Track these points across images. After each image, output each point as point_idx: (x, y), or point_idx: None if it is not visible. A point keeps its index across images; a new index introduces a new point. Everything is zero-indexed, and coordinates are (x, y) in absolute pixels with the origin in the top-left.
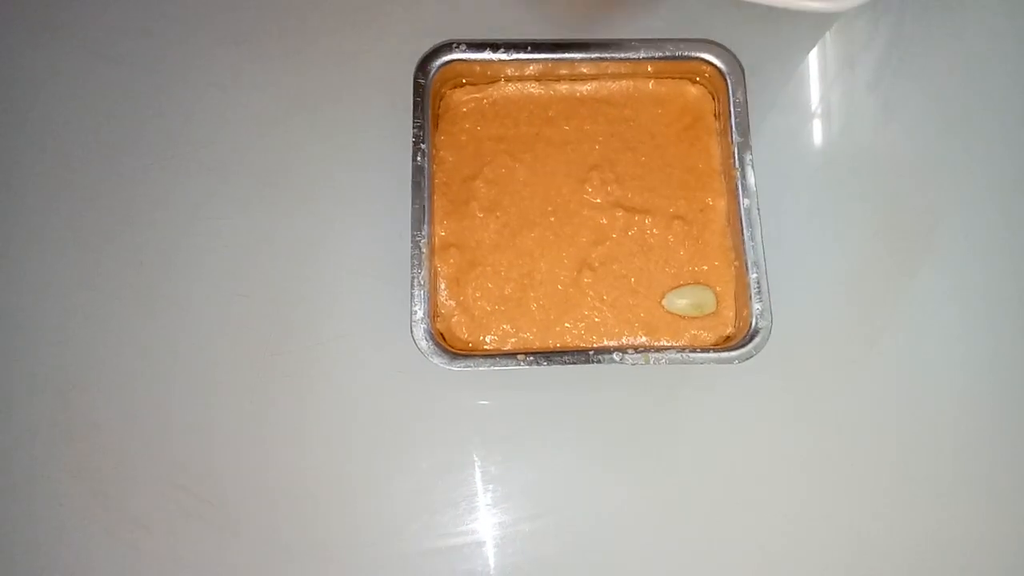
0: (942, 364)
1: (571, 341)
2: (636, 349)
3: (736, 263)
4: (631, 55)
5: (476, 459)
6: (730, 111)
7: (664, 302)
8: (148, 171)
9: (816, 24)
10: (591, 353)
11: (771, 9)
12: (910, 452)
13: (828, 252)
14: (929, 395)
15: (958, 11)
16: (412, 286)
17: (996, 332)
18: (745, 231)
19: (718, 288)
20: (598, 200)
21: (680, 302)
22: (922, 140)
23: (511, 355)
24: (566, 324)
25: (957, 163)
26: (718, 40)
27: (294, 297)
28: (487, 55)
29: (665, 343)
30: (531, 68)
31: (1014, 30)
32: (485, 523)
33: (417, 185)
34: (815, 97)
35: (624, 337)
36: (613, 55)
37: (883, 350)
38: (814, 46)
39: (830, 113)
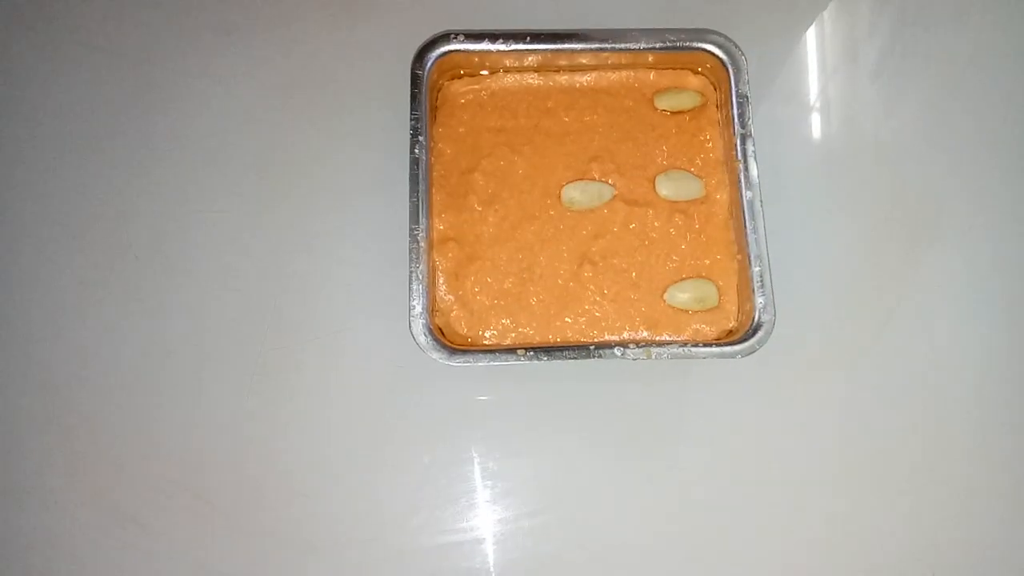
0: (949, 356)
1: (572, 336)
2: (637, 344)
3: (739, 256)
4: (631, 45)
5: (476, 455)
6: (732, 102)
7: (666, 296)
8: (142, 163)
9: (817, 8)
10: (592, 348)
11: None
12: (917, 446)
13: (832, 244)
14: (936, 388)
15: (959, 9)
16: (410, 280)
17: (1004, 323)
18: (748, 224)
19: (720, 282)
20: None
21: (682, 296)
22: (926, 129)
23: (511, 350)
24: (566, 319)
25: (962, 153)
26: (719, 29)
27: (290, 292)
28: (485, 45)
29: (667, 337)
30: (530, 59)
31: (1018, 15)
32: (485, 519)
33: (415, 178)
34: (818, 87)
35: (625, 332)
36: (613, 45)
37: (888, 343)
38: (816, 35)
39: (833, 103)
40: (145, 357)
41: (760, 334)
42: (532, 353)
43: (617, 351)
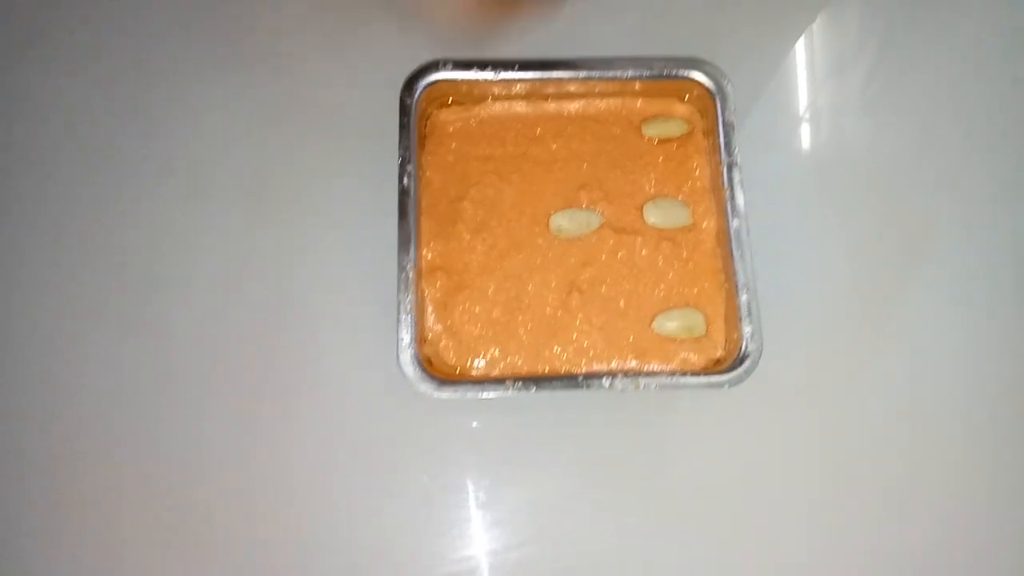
0: (940, 387)
1: (560, 366)
2: (625, 374)
3: (726, 285)
4: (619, 73)
5: (464, 485)
6: (718, 130)
7: (654, 324)
8: (129, 190)
9: (805, 35)
10: (580, 379)
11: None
12: (907, 480)
13: (821, 271)
14: (927, 420)
15: (947, 24)
16: (398, 311)
17: (999, 354)
18: (735, 252)
19: (708, 310)
20: None
21: (670, 324)
22: (915, 154)
23: (499, 381)
24: (555, 348)
25: (952, 178)
26: (706, 56)
27: (277, 322)
28: (474, 74)
29: (655, 367)
30: (518, 87)
31: (1006, 32)
32: (475, 551)
33: (403, 207)
34: (806, 113)
35: (614, 361)
36: (601, 73)
37: (878, 374)
38: (804, 62)
39: (821, 130)
40: (131, 385)
41: (747, 364)
42: (520, 384)
43: (605, 382)
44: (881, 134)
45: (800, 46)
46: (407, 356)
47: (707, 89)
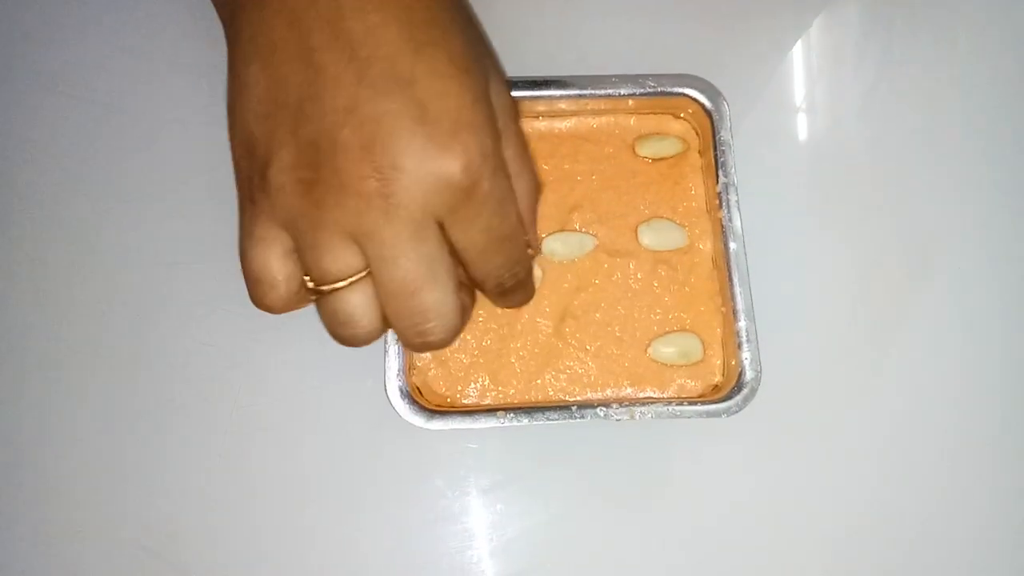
0: (946, 415)
1: (554, 394)
2: (620, 403)
3: (724, 309)
4: (611, 91)
5: (455, 517)
6: (714, 149)
7: (650, 350)
8: (109, 214)
9: (803, 51)
10: (574, 409)
11: None
12: (912, 509)
13: (821, 295)
14: (933, 448)
15: (950, 35)
16: (386, 341)
17: (1009, 377)
18: (733, 275)
19: (705, 335)
20: None
21: (666, 350)
22: (920, 174)
23: (490, 412)
24: (548, 376)
25: (959, 199)
26: (702, 73)
27: (262, 352)
28: None
29: (651, 393)
30: None
31: (1008, 44)
32: None
33: None
34: (804, 131)
35: (609, 388)
36: (592, 92)
37: (882, 401)
38: (804, 78)
39: (821, 149)
40: (110, 418)
41: (745, 391)
42: (512, 415)
43: (600, 411)
44: (883, 152)
45: (798, 62)
46: (394, 388)
47: (702, 106)
